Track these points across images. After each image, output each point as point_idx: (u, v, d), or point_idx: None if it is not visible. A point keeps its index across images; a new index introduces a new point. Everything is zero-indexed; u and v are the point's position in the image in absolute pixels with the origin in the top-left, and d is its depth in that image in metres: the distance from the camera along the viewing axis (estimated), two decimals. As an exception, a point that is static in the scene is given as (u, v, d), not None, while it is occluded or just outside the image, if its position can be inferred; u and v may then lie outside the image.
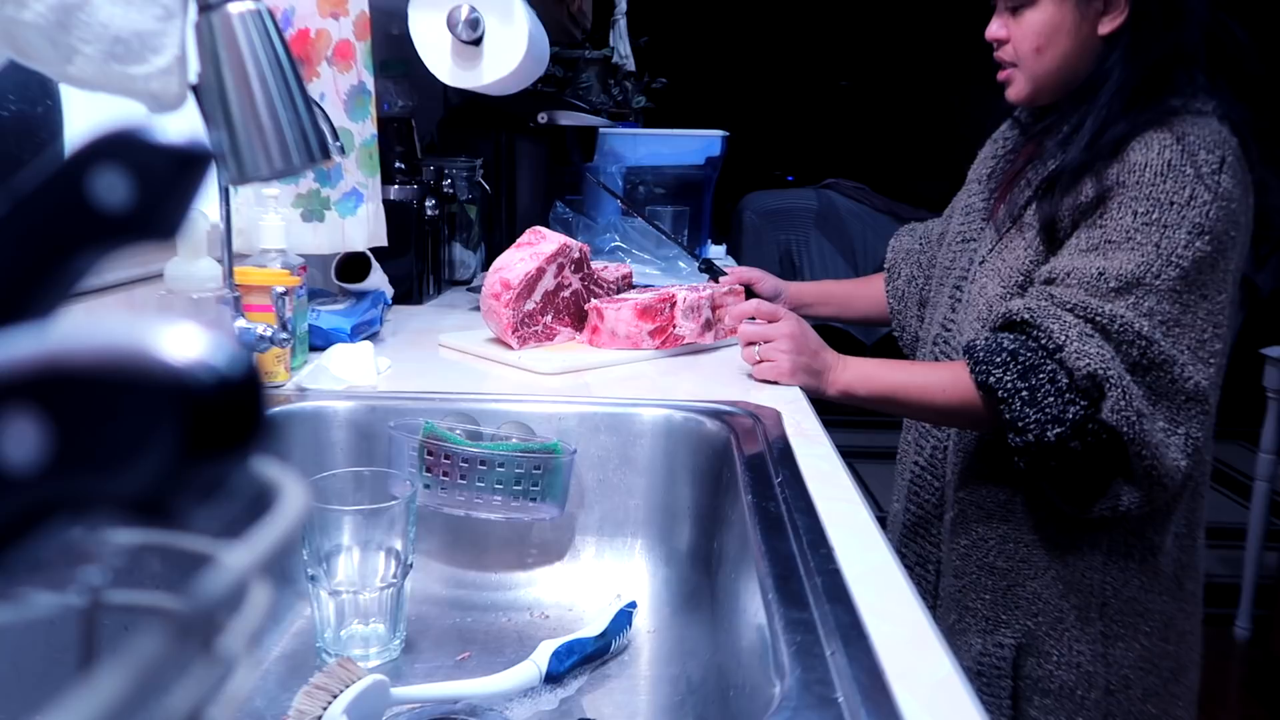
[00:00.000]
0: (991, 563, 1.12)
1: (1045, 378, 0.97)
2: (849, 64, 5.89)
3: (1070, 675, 1.08)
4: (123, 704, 0.21)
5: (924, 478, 1.23)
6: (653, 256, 1.93)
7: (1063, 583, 1.08)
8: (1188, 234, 0.97)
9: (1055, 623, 1.09)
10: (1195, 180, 0.97)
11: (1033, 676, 1.10)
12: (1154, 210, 0.97)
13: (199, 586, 0.24)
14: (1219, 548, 3.24)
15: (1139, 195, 0.98)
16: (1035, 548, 1.10)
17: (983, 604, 1.12)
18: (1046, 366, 0.97)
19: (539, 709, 0.77)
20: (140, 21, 0.58)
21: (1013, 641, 1.10)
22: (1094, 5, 1.04)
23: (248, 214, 1.20)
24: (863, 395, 1.11)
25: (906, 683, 0.53)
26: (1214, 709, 2.40)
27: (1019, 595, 1.10)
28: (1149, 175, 0.98)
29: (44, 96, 0.92)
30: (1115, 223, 0.99)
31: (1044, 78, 1.09)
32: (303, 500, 0.27)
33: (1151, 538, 1.08)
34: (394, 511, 0.82)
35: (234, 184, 0.72)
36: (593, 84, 2.57)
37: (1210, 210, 0.97)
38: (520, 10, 1.39)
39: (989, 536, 1.12)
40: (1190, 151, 0.98)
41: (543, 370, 1.19)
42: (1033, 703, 1.10)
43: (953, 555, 1.16)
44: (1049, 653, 1.09)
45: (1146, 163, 0.99)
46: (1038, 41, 1.06)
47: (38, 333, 0.21)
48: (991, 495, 1.12)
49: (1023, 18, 1.07)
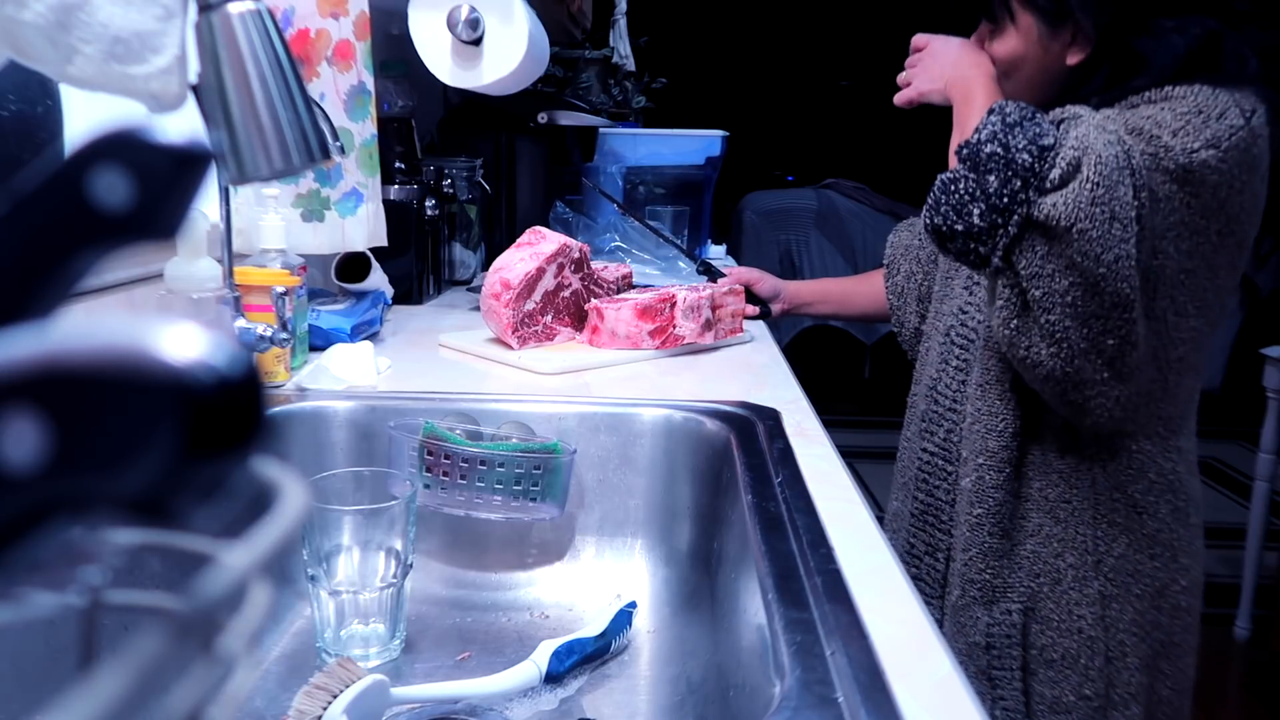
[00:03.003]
0: (1002, 527, 1.14)
1: (1032, 128, 0.94)
2: (849, 64, 5.89)
3: (1073, 642, 1.10)
4: (123, 704, 0.21)
5: (935, 463, 1.24)
6: (653, 256, 1.93)
7: (1057, 540, 1.11)
8: (1217, 131, 0.97)
9: (1054, 584, 1.11)
10: (1235, 109, 0.98)
11: (1038, 645, 1.11)
12: (1196, 110, 0.98)
13: (199, 586, 0.24)
14: (1219, 548, 3.24)
15: (1176, 100, 0.99)
16: (1029, 507, 1.12)
17: (988, 574, 1.14)
18: (1041, 124, 0.95)
19: (539, 709, 0.77)
20: (140, 21, 0.58)
21: (1018, 607, 1.12)
22: (1059, 39, 1.08)
23: (248, 214, 1.20)
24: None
25: (906, 683, 0.53)
26: (1214, 709, 2.40)
27: (1018, 557, 1.13)
28: (1189, 94, 0.99)
29: (44, 96, 0.92)
30: (1148, 109, 1.00)
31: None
32: (303, 500, 0.27)
33: (1133, 494, 1.11)
34: (394, 511, 0.82)
35: (234, 184, 0.72)
36: (593, 84, 2.58)
37: (1239, 136, 0.97)
38: (520, 10, 1.40)
39: (997, 509, 1.14)
40: (1228, 94, 1.00)
41: (543, 370, 1.19)
42: (1037, 676, 1.11)
43: (962, 533, 1.16)
44: (1050, 618, 1.11)
45: (1184, 92, 1.00)
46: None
47: (38, 333, 0.21)
48: (1000, 467, 1.13)
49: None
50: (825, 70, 5.95)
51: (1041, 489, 1.12)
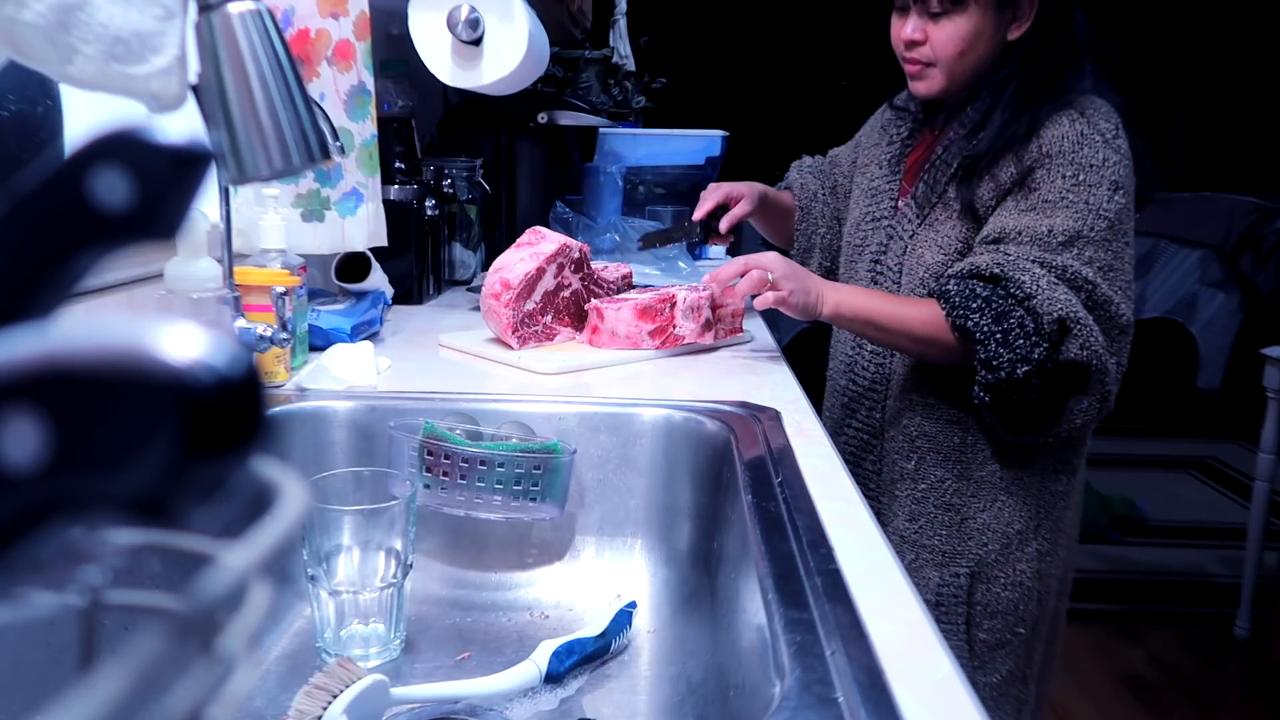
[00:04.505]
0: (948, 501, 1.25)
1: (1015, 322, 1.09)
2: (849, 64, 5.89)
3: (1014, 594, 1.23)
4: (123, 704, 0.21)
5: (860, 438, 1.33)
6: (653, 256, 1.93)
7: (1008, 510, 1.23)
8: (1108, 190, 1.12)
9: (1003, 548, 1.23)
10: (1104, 145, 1.13)
11: (983, 601, 1.24)
12: (1079, 174, 1.12)
13: (199, 586, 0.24)
14: (1219, 548, 3.24)
15: (1063, 163, 1.13)
16: (984, 484, 1.24)
17: (939, 540, 1.25)
18: (1016, 313, 1.10)
19: (539, 709, 0.77)
20: (140, 21, 0.58)
21: (967, 570, 1.24)
22: (1006, 14, 1.17)
23: (248, 214, 1.20)
24: (848, 316, 1.20)
25: (906, 683, 0.52)
26: (1214, 709, 2.40)
27: (971, 528, 1.24)
28: (1067, 145, 1.13)
29: (44, 96, 0.92)
30: (1048, 187, 1.13)
31: (959, 76, 1.21)
32: (303, 500, 0.27)
33: (1072, 460, 1.26)
34: (394, 511, 0.82)
35: (234, 184, 0.72)
36: (593, 84, 2.57)
37: (1120, 168, 1.13)
38: (520, 10, 1.40)
39: (946, 478, 1.25)
40: (1094, 123, 1.14)
41: (543, 370, 1.19)
42: (981, 626, 1.24)
43: (909, 500, 1.27)
44: (996, 576, 1.24)
45: (1063, 135, 1.13)
46: (961, 46, 1.18)
47: (38, 333, 0.21)
48: (948, 439, 1.25)
49: (943, 25, 1.18)
50: (825, 70, 5.95)
51: (996, 470, 1.23)
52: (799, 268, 1.23)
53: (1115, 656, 2.60)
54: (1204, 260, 4.08)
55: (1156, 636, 2.71)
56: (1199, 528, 3.43)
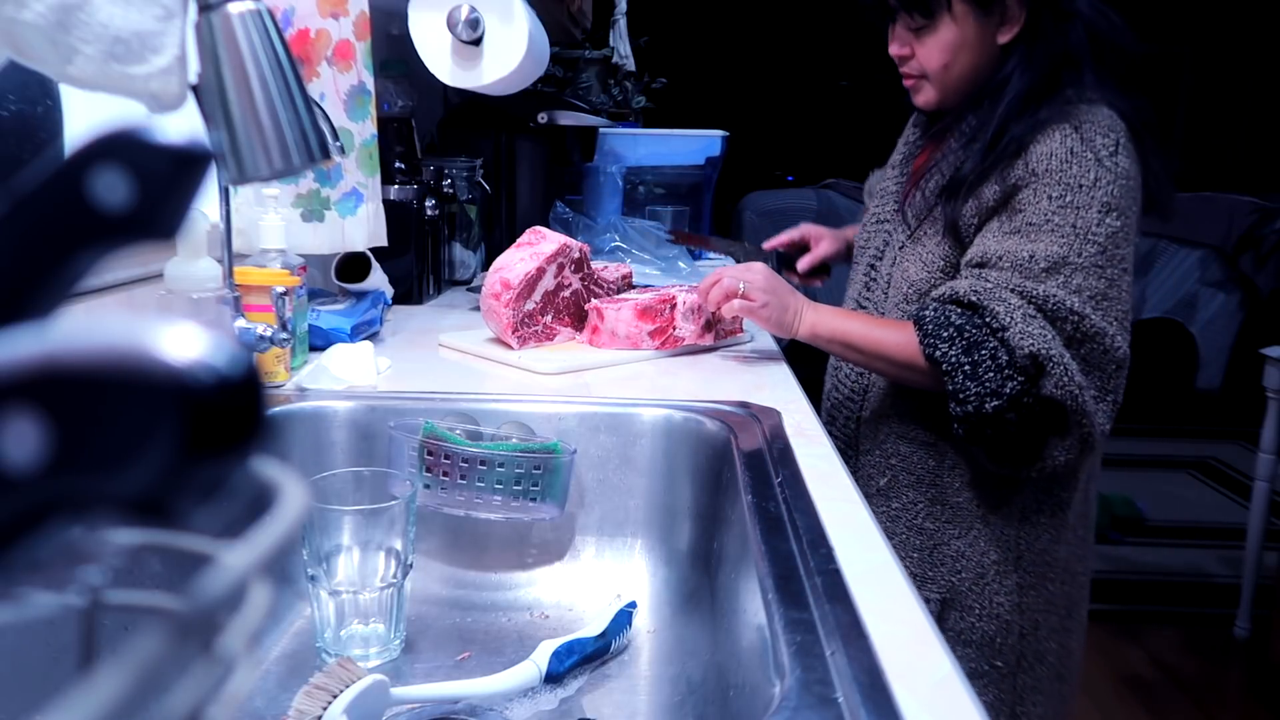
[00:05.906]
0: (920, 524, 1.20)
1: (987, 354, 1.04)
2: (849, 64, 5.89)
3: (991, 626, 1.18)
4: (123, 704, 0.21)
5: (837, 446, 1.29)
6: (653, 256, 1.93)
7: (984, 540, 1.17)
8: (1098, 212, 1.05)
9: (978, 578, 1.18)
10: (1096, 164, 1.06)
11: (956, 629, 1.18)
12: (1066, 194, 1.05)
13: (199, 586, 0.24)
14: (1219, 548, 3.24)
15: (1050, 182, 1.06)
16: (960, 510, 1.18)
17: (910, 562, 1.20)
18: (989, 344, 1.04)
19: (539, 709, 0.77)
20: (140, 21, 0.58)
21: (938, 597, 1.19)
22: (992, 18, 1.13)
23: (248, 214, 1.20)
24: (825, 337, 1.18)
25: (906, 683, 0.53)
26: (1214, 709, 2.40)
27: (944, 554, 1.19)
28: (1055, 163, 1.06)
29: (44, 96, 0.92)
30: (1033, 208, 1.07)
31: (952, 86, 1.17)
32: (303, 500, 0.27)
33: (1060, 494, 1.18)
34: (394, 511, 0.82)
35: (234, 184, 0.72)
36: (593, 84, 2.57)
37: (1113, 189, 1.05)
38: (520, 10, 1.39)
39: (919, 500, 1.20)
40: (1088, 138, 1.07)
41: (543, 370, 1.19)
42: (955, 653, 1.17)
43: (883, 518, 1.22)
44: (971, 606, 1.18)
45: (1051, 152, 1.07)
46: (945, 58, 1.15)
47: (38, 333, 0.21)
48: (922, 461, 1.20)
49: (925, 39, 1.15)
50: (825, 70, 5.95)
51: (973, 498, 1.18)
52: (784, 284, 1.21)
53: (1115, 656, 2.60)
54: (1204, 260, 4.08)
55: (1157, 636, 2.71)
56: (1199, 528, 3.43)
